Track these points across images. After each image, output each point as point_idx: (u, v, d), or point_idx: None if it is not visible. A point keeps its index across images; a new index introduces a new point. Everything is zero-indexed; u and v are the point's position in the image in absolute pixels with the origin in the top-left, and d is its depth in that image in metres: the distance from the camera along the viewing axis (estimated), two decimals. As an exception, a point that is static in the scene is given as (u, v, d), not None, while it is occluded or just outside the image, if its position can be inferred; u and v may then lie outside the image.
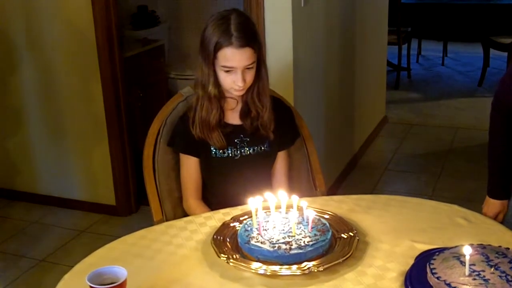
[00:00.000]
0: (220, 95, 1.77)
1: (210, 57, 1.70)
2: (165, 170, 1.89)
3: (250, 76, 1.72)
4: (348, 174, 3.67)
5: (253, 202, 1.44)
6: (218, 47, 1.67)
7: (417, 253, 1.37)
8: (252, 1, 2.64)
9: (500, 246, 1.31)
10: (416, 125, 4.62)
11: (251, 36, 1.69)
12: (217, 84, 1.74)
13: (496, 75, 5.76)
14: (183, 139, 1.83)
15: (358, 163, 3.87)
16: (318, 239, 1.38)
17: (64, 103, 3.24)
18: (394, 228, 1.52)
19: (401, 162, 3.95)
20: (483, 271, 1.22)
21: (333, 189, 3.32)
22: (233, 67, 1.68)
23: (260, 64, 1.75)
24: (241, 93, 1.75)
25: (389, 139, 4.34)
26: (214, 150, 1.80)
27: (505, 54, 5.29)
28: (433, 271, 1.24)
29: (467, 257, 1.22)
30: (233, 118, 1.83)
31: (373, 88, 4.24)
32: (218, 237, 1.46)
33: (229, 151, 1.80)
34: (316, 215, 1.47)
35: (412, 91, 5.52)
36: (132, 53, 3.46)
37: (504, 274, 1.20)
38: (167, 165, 1.89)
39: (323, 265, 1.32)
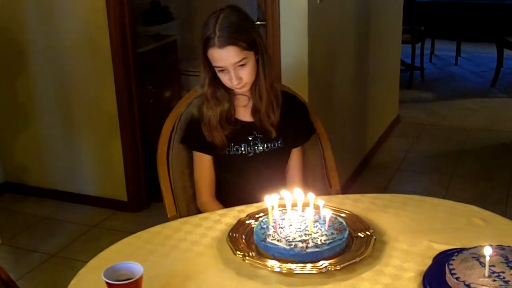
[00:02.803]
0: (229, 92, 1.77)
1: (203, 56, 1.70)
2: (179, 167, 1.88)
3: (245, 73, 1.69)
4: (360, 173, 3.65)
5: (269, 200, 1.43)
6: (205, 48, 1.68)
7: (435, 253, 1.35)
8: (268, -3, 2.62)
9: (519, 248, 1.29)
10: (429, 125, 4.59)
11: (233, 34, 1.65)
12: (212, 83, 1.74)
13: (509, 75, 5.71)
14: (195, 137, 1.82)
15: (370, 163, 3.85)
16: (335, 237, 1.36)
17: (77, 98, 3.25)
18: (411, 228, 1.50)
19: (413, 162, 3.92)
20: (503, 272, 1.20)
21: (345, 188, 3.29)
22: (221, 66, 1.68)
23: (259, 59, 1.72)
24: (243, 89, 1.74)
25: (401, 139, 4.32)
26: (227, 148, 1.79)
27: (519, 54, 5.24)
28: (452, 271, 1.22)
29: (487, 258, 1.20)
30: (245, 115, 1.82)
31: (386, 87, 4.22)
32: (234, 234, 1.45)
33: (242, 148, 1.79)
34: (332, 213, 1.45)
35: (425, 91, 5.48)
36: (144, 49, 3.46)
37: (524, 276, 1.18)
38: (181, 162, 1.88)
39: (340, 264, 1.31)
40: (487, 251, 1.21)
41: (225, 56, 1.65)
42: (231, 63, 1.66)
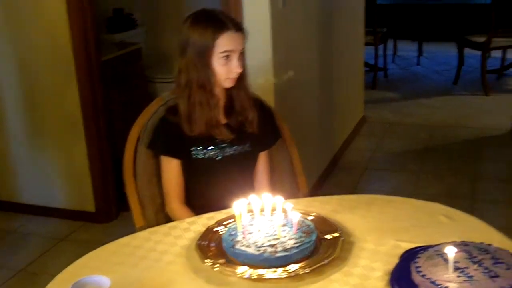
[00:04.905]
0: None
1: (207, 51, 1.71)
2: (146, 175, 1.87)
3: (242, 63, 1.76)
4: (328, 174, 3.68)
5: (238, 206, 1.43)
6: (216, 36, 1.70)
7: (402, 251, 1.38)
8: (231, 1, 2.62)
9: (482, 243, 1.32)
10: (394, 124, 4.67)
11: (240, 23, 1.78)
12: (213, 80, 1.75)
13: (471, 73, 5.85)
14: (163, 141, 1.81)
15: (338, 163, 3.89)
16: (303, 241, 1.37)
17: (41, 109, 3.19)
18: (378, 228, 1.52)
19: (380, 161, 3.98)
20: (467, 267, 1.22)
21: (314, 190, 3.32)
22: (232, 50, 1.71)
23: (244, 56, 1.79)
24: (233, 83, 1.76)
25: (368, 139, 4.38)
26: (194, 152, 1.78)
27: (479, 53, 5.37)
28: (418, 269, 1.25)
29: (451, 255, 1.22)
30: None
31: (351, 88, 4.27)
32: (203, 242, 1.44)
33: (211, 152, 1.79)
34: (300, 216, 1.46)
35: (389, 90, 5.57)
36: (109, 57, 3.42)
37: (487, 270, 1.21)
38: (148, 170, 1.87)
39: (309, 267, 1.32)
40: (451, 248, 1.23)
41: (238, 41, 1.73)
42: (240, 49, 1.73)
